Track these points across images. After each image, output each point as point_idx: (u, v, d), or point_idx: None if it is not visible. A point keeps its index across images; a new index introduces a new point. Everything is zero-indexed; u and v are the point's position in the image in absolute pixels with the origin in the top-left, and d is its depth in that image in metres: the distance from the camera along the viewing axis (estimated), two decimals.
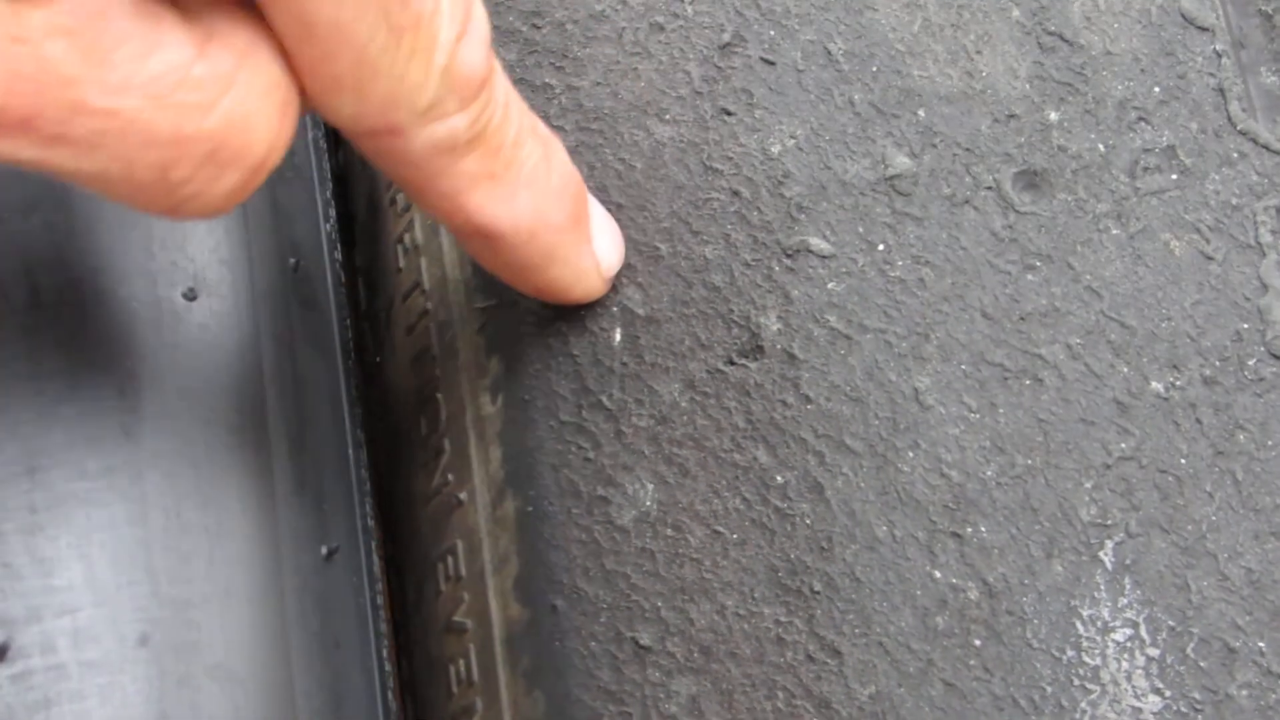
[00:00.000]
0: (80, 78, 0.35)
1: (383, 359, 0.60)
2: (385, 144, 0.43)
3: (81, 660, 0.45)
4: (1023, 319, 0.49)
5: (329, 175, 0.65)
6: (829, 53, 0.53)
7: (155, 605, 0.47)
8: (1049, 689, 0.46)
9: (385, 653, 0.57)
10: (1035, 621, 0.46)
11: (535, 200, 0.47)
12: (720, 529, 0.49)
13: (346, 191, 0.65)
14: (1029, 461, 0.48)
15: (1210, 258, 0.50)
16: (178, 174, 0.38)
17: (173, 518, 0.48)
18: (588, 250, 0.50)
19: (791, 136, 0.52)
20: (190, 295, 0.52)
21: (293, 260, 0.59)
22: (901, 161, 0.51)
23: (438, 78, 0.41)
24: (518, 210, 0.46)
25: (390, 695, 0.56)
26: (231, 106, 0.38)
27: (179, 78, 0.37)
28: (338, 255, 0.63)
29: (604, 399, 0.51)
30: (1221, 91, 0.52)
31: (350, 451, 0.59)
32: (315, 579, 0.54)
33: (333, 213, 0.64)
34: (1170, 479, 0.48)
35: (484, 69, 0.42)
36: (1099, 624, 0.46)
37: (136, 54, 0.36)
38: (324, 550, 0.55)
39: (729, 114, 0.53)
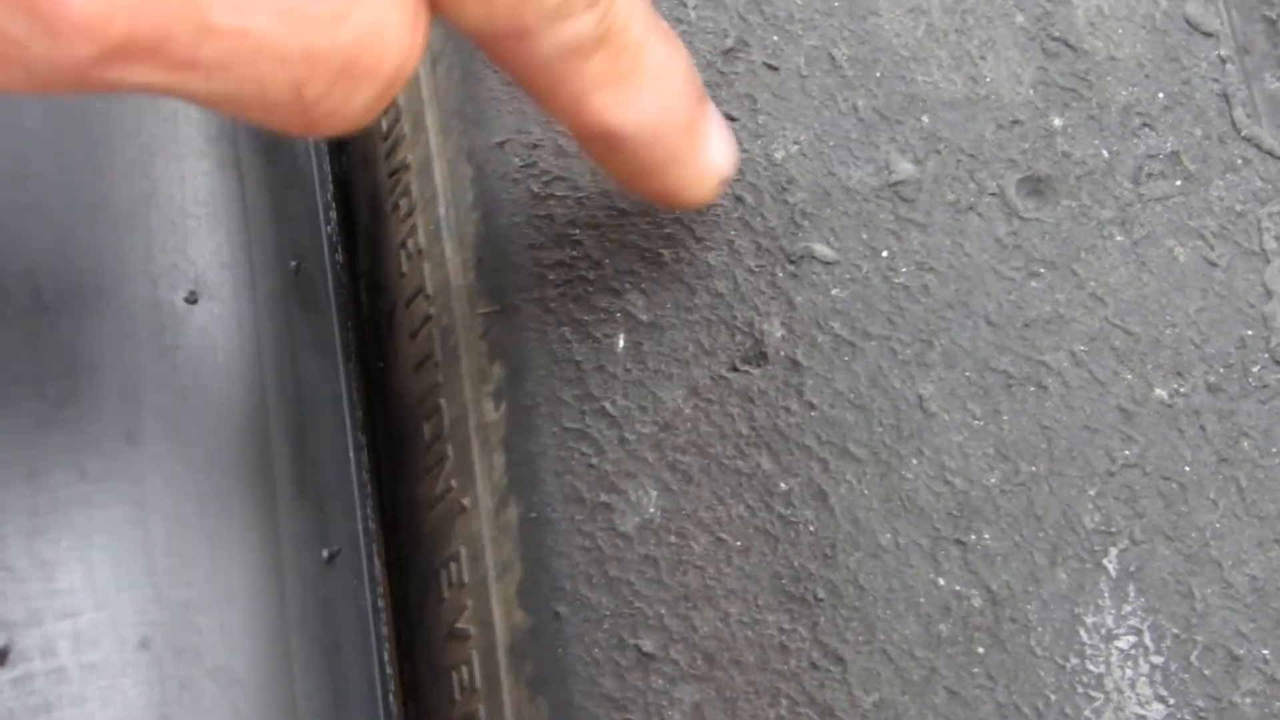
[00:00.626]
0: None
1: (385, 365, 0.60)
2: (512, 47, 0.42)
3: (82, 663, 0.45)
4: (1027, 326, 0.49)
5: (329, 177, 0.65)
6: (833, 58, 0.53)
7: (156, 608, 0.47)
8: (1053, 697, 0.46)
9: (386, 656, 0.57)
10: (1039, 629, 0.46)
11: (660, 101, 0.46)
12: (724, 536, 0.49)
13: (349, 196, 0.65)
14: (1033, 469, 0.48)
15: (1214, 264, 0.50)
16: (312, 91, 0.38)
17: (174, 521, 0.48)
18: (705, 151, 0.48)
19: (795, 142, 0.52)
20: (191, 298, 0.52)
21: (294, 263, 0.59)
22: (905, 168, 0.51)
23: None
24: (643, 111, 0.45)
25: (391, 698, 0.56)
26: (362, 19, 0.37)
27: None
28: (339, 258, 0.63)
29: (607, 405, 0.51)
30: (1226, 97, 0.51)
31: (351, 454, 0.59)
32: (316, 582, 0.54)
33: (334, 215, 0.64)
34: (1174, 486, 0.47)
35: None
36: (1103, 631, 0.46)
37: None
38: (325, 553, 0.55)
39: (732, 119, 0.53)
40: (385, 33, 0.38)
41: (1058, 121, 0.51)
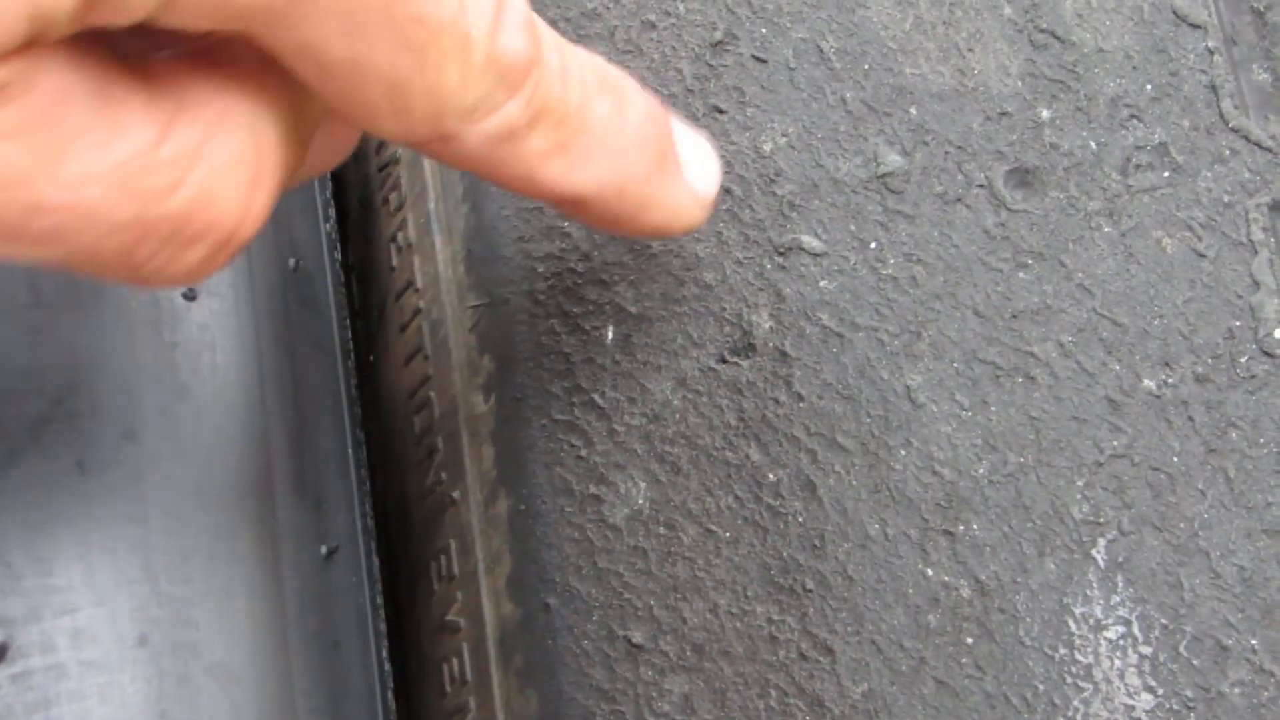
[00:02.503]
0: (35, 177, 0.34)
1: (376, 358, 0.60)
2: (441, 149, 0.41)
3: (81, 660, 0.45)
4: (1015, 317, 0.49)
5: (328, 176, 0.65)
6: (821, 50, 0.53)
7: (155, 604, 0.47)
8: (1041, 687, 0.46)
9: (384, 652, 0.57)
10: (1028, 619, 0.46)
11: (613, 158, 0.44)
12: (713, 527, 0.49)
13: (339, 190, 0.65)
14: (1021, 459, 0.48)
15: (1202, 255, 0.50)
16: (141, 253, 0.37)
17: (172, 518, 0.49)
18: (679, 185, 0.47)
19: (783, 134, 0.52)
20: (190, 295, 0.52)
21: (292, 260, 0.59)
22: (893, 159, 0.51)
23: (478, 76, 0.39)
24: (598, 172, 0.44)
25: (389, 694, 0.57)
26: (196, 187, 0.36)
27: (142, 163, 0.35)
28: (337, 255, 0.63)
29: (596, 397, 0.51)
30: (1213, 89, 0.51)
31: (350, 451, 0.59)
32: (315, 578, 0.54)
33: (332, 213, 0.64)
34: (1162, 476, 0.47)
35: (527, 50, 0.40)
36: (1091, 622, 0.46)
37: (96, 144, 0.35)
38: (323, 550, 0.55)
39: (721, 112, 0.53)
40: (220, 199, 0.37)
41: (1045, 113, 0.51)
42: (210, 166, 0.37)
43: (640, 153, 0.45)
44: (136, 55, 0.37)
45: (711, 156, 0.49)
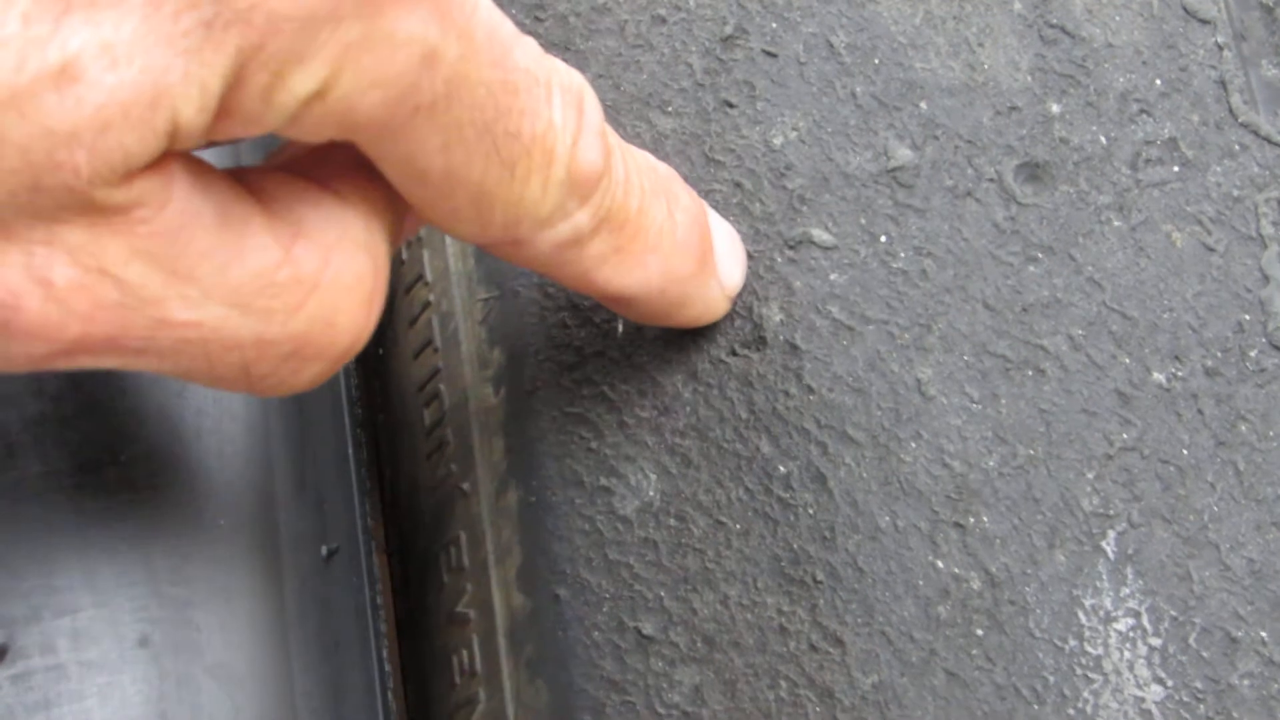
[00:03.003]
0: (163, 297, 0.35)
1: (385, 351, 0.60)
2: (511, 251, 0.43)
3: (81, 660, 0.45)
4: (1025, 310, 0.49)
5: None
6: (831, 45, 0.53)
7: (155, 605, 0.47)
8: (1051, 678, 0.46)
9: (385, 652, 0.57)
10: (1038, 611, 0.46)
11: (663, 260, 0.46)
12: (723, 519, 0.49)
13: None
14: (1031, 452, 0.48)
15: (1212, 249, 0.50)
16: (259, 369, 0.38)
17: (172, 518, 0.49)
18: (714, 282, 0.49)
19: (794, 128, 0.52)
20: None
21: None
22: (903, 153, 0.51)
23: (557, 187, 0.41)
24: (648, 274, 0.46)
25: (390, 695, 0.56)
26: (316, 308, 0.37)
27: (263, 284, 0.36)
28: None
29: (606, 389, 0.51)
30: (1223, 84, 0.52)
31: (350, 451, 0.59)
32: (315, 579, 0.54)
33: None
34: (1172, 469, 0.48)
35: (601, 162, 0.42)
36: (1101, 613, 0.46)
37: (220, 265, 0.35)
38: (324, 550, 0.55)
39: (731, 106, 0.53)
40: (338, 320, 0.38)
41: (1055, 108, 0.52)
42: (330, 288, 0.38)
43: (686, 254, 0.47)
44: (250, 173, 0.38)
45: (740, 248, 0.51)
